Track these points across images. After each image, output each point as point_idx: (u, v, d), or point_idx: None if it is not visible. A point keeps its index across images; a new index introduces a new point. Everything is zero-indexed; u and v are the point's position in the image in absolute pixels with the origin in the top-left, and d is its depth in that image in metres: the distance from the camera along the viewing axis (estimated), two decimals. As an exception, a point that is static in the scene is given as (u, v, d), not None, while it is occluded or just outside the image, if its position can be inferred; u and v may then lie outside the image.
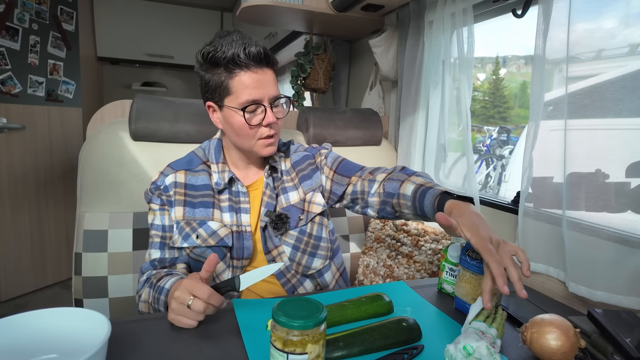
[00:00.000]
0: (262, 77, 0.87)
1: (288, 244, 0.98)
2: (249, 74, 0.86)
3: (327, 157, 1.06)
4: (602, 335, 0.70)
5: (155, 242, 0.95)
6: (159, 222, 0.95)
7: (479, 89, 4.50)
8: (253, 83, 0.86)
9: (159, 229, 0.95)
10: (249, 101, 0.86)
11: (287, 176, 1.03)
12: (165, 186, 0.95)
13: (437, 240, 1.33)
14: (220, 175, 0.96)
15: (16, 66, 2.28)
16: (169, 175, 0.96)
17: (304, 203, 1.01)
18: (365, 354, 0.67)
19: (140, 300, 0.88)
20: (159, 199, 0.95)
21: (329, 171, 1.04)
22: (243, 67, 0.85)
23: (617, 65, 0.88)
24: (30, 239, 2.44)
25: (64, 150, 2.58)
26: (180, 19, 3.33)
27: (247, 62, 0.85)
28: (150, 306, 0.84)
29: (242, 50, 0.84)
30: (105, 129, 1.20)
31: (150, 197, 0.96)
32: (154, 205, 0.96)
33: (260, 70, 0.87)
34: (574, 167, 0.91)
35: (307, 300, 0.59)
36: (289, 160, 1.06)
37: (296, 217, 0.99)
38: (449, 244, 0.95)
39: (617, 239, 0.84)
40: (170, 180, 0.95)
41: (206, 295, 0.69)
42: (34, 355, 0.60)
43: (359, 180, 1.00)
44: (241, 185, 0.97)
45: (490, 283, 0.63)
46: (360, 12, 1.59)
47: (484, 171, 4.04)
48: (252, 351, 0.66)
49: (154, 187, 0.95)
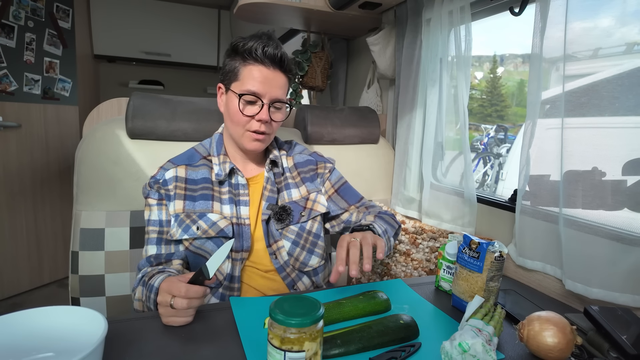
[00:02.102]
0: (270, 77, 0.92)
1: (288, 238, 0.99)
2: (260, 69, 0.91)
3: (332, 174, 1.11)
4: (599, 333, 0.70)
5: (151, 238, 0.95)
6: (156, 217, 0.95)
7: (477, 88, 4.51)
8: (260, 78, 0.91)
9: (156, 224, 0.95)
10: (249, 91, 0.90)
11: (289, 173, 1.06)
12: (165, 180, 0.95)
13: (434, 238, 1.34)
14: (221, 167, 0.98)
15: (12, 64, 2.26)
16: (169, 169, 0.97)
17: (307, 201, 1.04)
18: (363, 351, 0.67)
19: (135, 298, 0.88)
20: (157, 193, 0.95)
21: (330, 187, 1.09)
22: (257, 61, 0.91)
23: (614, 64, 0.88)
24: (26, 238, 2.43)
25: (60, 149, 2.57)
26: (177, 17, 3.31)
27: (262, 59, 0.90)
28: (144, 304, 0.84)
29: (261, 47, 0.89)
30: (102, 127, 1.19)
31: (148, 191, 0.96)
32: (151, 200, 0.95)
33: (271, 71, 0.92)
34: (571, 165, 0.91)
35: (305, 298, 0.59)
36: (291, 159, 1.09)
37: (298, 213, 1.01)
38: (447, 242, 0.95)
39: (614, 237, 0.85)
40: (171, 175, 0.96)
41: (183, 292, 0.69)
42: (31, 353, 0.60)
43: (356, 210, 1.08)
44: (241, 176, 0.99)
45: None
46: (357, 10, 1.59)
47: (481, 169, 4.06)
48: (250, 349, 0.66)
49: (153, 181, 0.95)
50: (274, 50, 0.90)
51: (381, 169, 1.59)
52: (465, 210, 1.27)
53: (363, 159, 1.54)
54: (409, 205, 1.51)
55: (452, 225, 1.33)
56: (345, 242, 0.80)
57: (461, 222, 1.30)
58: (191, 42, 3.39)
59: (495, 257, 0.78)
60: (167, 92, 3.34)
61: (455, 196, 1.31)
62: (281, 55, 0.92)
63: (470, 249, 0.82)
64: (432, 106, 1.38)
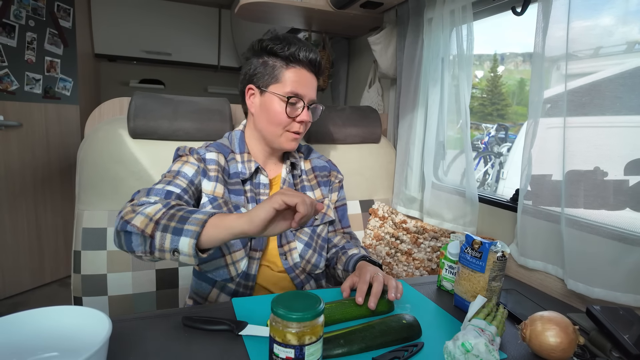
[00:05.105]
0: (310, 80, 0.96)
1: (302, 240, 1.00)
2: (302, 72, 0.95)
3: (341, 187, 1.15)
4: (601, 332, 0.70)
5: (177, 183, 0.86)
6: (189, 173, 0.90)
7: (477, 87, 4.51)
8: (302, 80, 0.95)
9: (187, 177, 0.89)
10: (294, 93, 0.93)
11: (305, 176, 1.08)
12: (206, 158, 0.94)
13: (436, 238, 1.34)
14: (246, 165, 0.98)
15: (13, 63, 2.26)
16: (212, 151, 0.96)
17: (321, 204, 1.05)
18: (366, 351, 0.67)
19: (138, 212, 0.72)
20: (196, 160, 0.93)
21: (335, 201, 1.13)
22: (299, 65, 0.94)
23: (616, 63, 0.88)
24: (27, 237, 2.44)
25: (61, 148, 2.57)
26: (177, 16, 3.31)
27: (304, 62, 0.94)
28: (154, 224, 0.69)
29: (303, 51, 0.93)
30: (104, 127, 1.19)
31: (188, 154, 0.94)
32: (190, 158, 0.92)
33: (310, 74, 0.96)
34: (573, 165, 0.91)
35: (306, 294, 0.59)
36: (309, 162, 1.11)
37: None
38: (449, 242, 0.95)
39: (616, 237, 0.85)
40: (213, 157, 0.95)
41: (308, 200, 0.68)
42: (35, 353, 0.60)
43: (341, 234, 1.12)
44: (265, 176, 1.00)
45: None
46: (359, 9, 1.58)
47: (482, 169, 4.05)
48: (252, 348, 0.66)
49: (194, 150, 0.94)
50: (314, 56, 0.95)
51: (382, 168, 1.59)
52: (466, 209, 1.27)
53: (364, 158, 1.54)
54: (410, 204, 1.51)
55: (453, 224, 1.33)
56: (368, 276, 0.83)
57: (463, 221, 1.30)
58: (192, 41, 3.38)
59: (498, 257, 0.78)
60: (168, 91, 3.35)
61: (457, 195, 1.31)
62: (319, 60, 0.96)
63: (473, 249, 0.82)
64: (433, 105, 1.38)
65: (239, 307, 0.81)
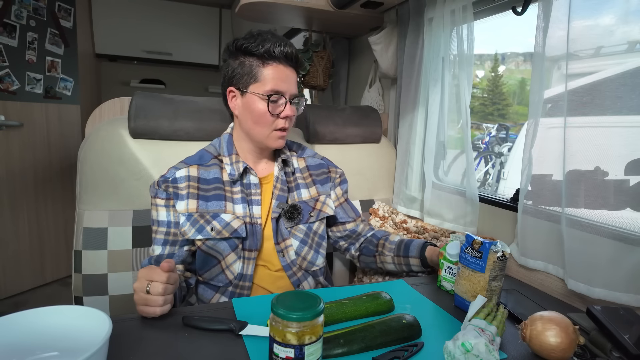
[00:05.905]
0: (289, 74, 0.95)
1: (297, 237, 1.01)
2: (280, 68, 0.93)
3: (342, 182, 1.16)
4: (601, 332, 0.70)
5: (158, 239, 0.95)
6: (164, 218, 0.95)
7: (478, 86, 4.50)
8: (281, 76, 0.93)
9: (163, 225, 0.95)
10: (274, 90, 0.92)
11: (299, 174, 1.08)
12: (175, 178, 0.95)
13: (436, 238, 1.34)
14: (234, 166, 0.98)
15: (14, 63, 2.26)
16: (181, 169, 0.97)
17: (316, 202, 1.06)
18: (366, 350, 0.67)
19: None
20: (164, 193, 0.95)
21: (341, 195, 1.14)
22: (275, 61, 0.93)
23: (616, 63, 0.88)
24: (28, 236, 2.44)
25: (62, 148, 2.57)
26: (178, 16, 3.31)
27: (280, 57, 0.92)
28: None
29: (278, 46, 0.91)
30: (105, 127, 1.19)
31: (157, 190, 0.95)
32: (159, 200, 0.95)
33: (289, 68, 0.95)
34: (573, 165, 0.91)
35: (306, 294, 0.59)
36: (303, 160, 1.11)
37: (307, 213, 1.03)
38: (447, 242, 0.95)
39: (616, 237, 0.85)
40: (183, 174, 0.96)
41: (164, 278, 0.72)
42: (35, 353, 0.60)
43: (362, 223, 1.17)
44: (254, 175, 1.00)
45: None
46: (359, 9, 1.58)
47: (482, 168, 4.05)
48: (252, 348, 0.66)
49: (162, 180, 0.96)
50: (289, 49, 0.93)
51: (383, 168, 1.58)
52: (467, 209, 1.27)
53: (365, 158, 1.54)
54: (410, 204, 1.51)
55: (454, 224, 1.33)
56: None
57: (463, 221, 1.30)
58: (192, 41, 3.39)
59: (498, 256, 0.78)
60: (169, 91, 3.35)
61: (457, 195, 1.31)
62: (295, 52, 0.95)
63: (473, 249, 0.82)
64: (434, 105, 1.38)
65: (239, 307, 0.81)
